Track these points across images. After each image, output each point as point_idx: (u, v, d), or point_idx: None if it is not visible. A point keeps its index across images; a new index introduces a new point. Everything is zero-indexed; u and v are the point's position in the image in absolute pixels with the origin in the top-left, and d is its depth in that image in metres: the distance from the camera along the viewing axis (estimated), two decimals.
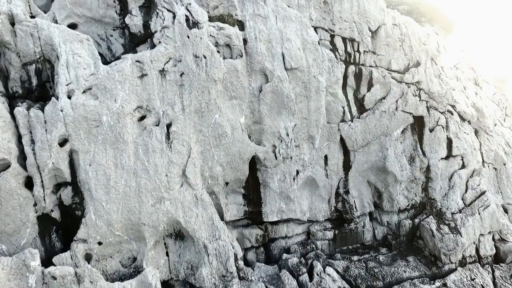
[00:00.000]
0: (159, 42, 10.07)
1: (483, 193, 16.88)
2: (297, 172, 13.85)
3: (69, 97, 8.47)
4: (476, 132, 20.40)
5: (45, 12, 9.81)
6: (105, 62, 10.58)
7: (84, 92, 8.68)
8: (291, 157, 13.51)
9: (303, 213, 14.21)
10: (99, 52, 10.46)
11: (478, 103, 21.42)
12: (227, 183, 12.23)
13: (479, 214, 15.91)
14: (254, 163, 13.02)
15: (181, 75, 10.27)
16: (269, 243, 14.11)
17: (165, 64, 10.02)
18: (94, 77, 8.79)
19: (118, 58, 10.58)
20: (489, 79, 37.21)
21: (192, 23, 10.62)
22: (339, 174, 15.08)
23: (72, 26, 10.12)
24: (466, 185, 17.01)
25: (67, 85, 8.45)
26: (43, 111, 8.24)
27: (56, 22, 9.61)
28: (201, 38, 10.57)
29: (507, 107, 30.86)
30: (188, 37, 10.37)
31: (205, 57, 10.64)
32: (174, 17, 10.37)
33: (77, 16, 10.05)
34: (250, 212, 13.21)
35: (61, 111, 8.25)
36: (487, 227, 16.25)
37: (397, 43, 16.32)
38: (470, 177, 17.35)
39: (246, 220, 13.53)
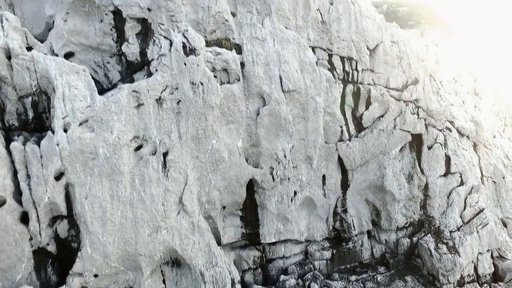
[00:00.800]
0: (156, 70, 10.07)
1: (481, 210, 16.86)
2: (295, 193, 13.83)
3: (65, 131, 8.47)
4: (475, 145, 20.37)
5: (42, 42, 9.82)
6: (102, 89, 10.61)
7: (80, 124, 8.68)
8: (288, 178, 13.50)
9: (301, 233, 14.19)
10: (96, 79, 10.46)
11: (477, 117, 21.41)
12: (224, 207, 12.22)
13: (477, 232, 15.89)
14: (251, 185, 13.00)
15: (177, 102, 10.27)
16: (267, 263, 14.10)
17: (161, 92, 10.03)
18: (90, 109, 8.80)
19: (115, 85, 10.60)
20: (489, 84, 37.20)
21: (189, 50, 10.62)
22: (337, 193, 15.07)
23: (69, 54, 10.14)
24: (465, 202, 16.98)
25: (63, 118, 8.46)
26: (39, 145, 8.25)
27: (53, 51, 9.63)
28: (198, 65, 10.58)
29: (507, 117, 30.85)
30: (185, 64, 10.38)
31: (202, 84, 10.64)
32: (171, 44, 10.37)
33: (74, 44, 10.05)
34: (247, 234, 13.20)
35: (57, 145, 8.25)
36: (486, 245, 16.23)
37: (395, 60, 16.31)
38: (469, 194, 17.32)
39: (243, 241, 13.52)
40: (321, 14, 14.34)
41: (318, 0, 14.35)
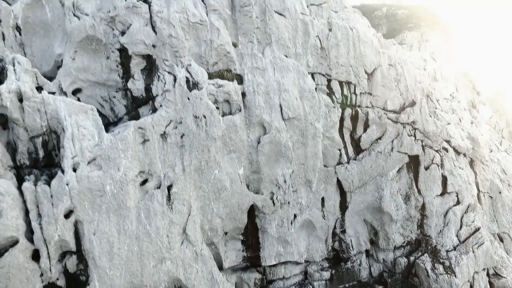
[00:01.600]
0: (161, 106, 10.44)
1: (477, 229, 17.22)
2: (295, 216, 14.19)
3: (75, 170, 8.83)
4: (471, 161, 20.75)
5: (51, 79, 10.19)
6: (108, 122, 10.99)
7: (88, 163, 9.04)
8: (288, 202, 13.85)
9: (301, 255, 14.53)
10: (102, 114, 10.84)
11: (473, 133, 21.78)
12: (226, 233, 12.58)
13: (473, 252, 16.26)
14: (252, 209, 13.36)
15: (181, 136, 10.64)
16: (267, 285, 14.43)
17: (166, 127, 10.39)
18: (98, 147, 9.16)
19: (121, 119, 10.98)
20: (487, 91, 37.57)
21: (192, 84, 11.00)
22: (336, 214, 15.43)
23: (77, 90, 10.51)
24: (461, 222, 17.36)
25: (72, 158, 8.82)
26: (49, 185, 8.60)
27: (62, 89, 10.00)
28: (201, 98, 10.95)
29: (504, 129, 31.22)
30: (189, 99, 10.75)
31: (204, 117, 11.01)
32: (175, 80, 10.74)
33: (81, 81, 10.42)
34: (248, 257, 13.55)
35: (67, 184, 8.61)
36: (481, 264, 16.60)
37: (393, 83, 16.70)
38: (465, 213, 17.69)
39: (245, 264, 13.87)
40: (320, 40, 14.73)
41: (317, 27, 14.75)
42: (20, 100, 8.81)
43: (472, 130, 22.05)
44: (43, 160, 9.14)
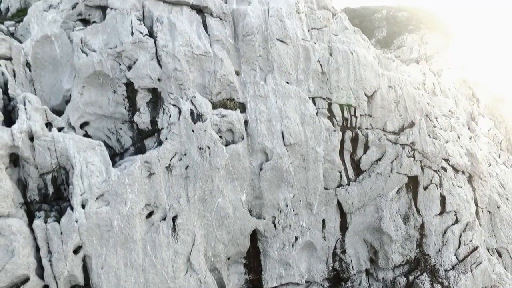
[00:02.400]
0: (166, 139, 10.73)
1: (475, 248, 17.50)
2: (296, 238, 14.47)
3: (83, 206, 9.12)
4: (470, 177, 21.04)
5: (59, 113, 10.48)
6: (115, 153, 11.28)
7: (96, 199, 9.33)
8: (290, 225, 14.13)
9: (302, 276, 14.80)
10: (109, 145, 11.13)
11: (472, 149, 22.06)
12: (229, 258, 12.85)
13: (471, 271, 16.54)
14: (254, 233, 13.64)
15: (186, 168, 10.93)
16: None
17: (171, 159, 10.68)
18: (106, 183, 9.45)
19: (127, 150, 11.26)
20: (486, 98, 37.79)
21: (196, 116, 11.28)
22: (336, 235, 15.70)
23: (85, 123, 10.80)
24: (459, 240, 17.62)
25: (81, 195, 9.11)
26: (59, 222, 8.89)
27: (70, 124, 10.28)
28: (205, 130, 11.24)
29: (502, 140, 31.46)
30: (193, 131, 11.04)
31: (208, 148, 11.30)
32: (179, 112, 11.03)
33: (89, 115, 10.71)
34: (251, 280, 13.82)
35: (76, 221, 8.90)
36: (480, 283, 16.86)
37: (392, 105, 16.99)
38: (463, 231, 17.96)
39: (247, 286, 14.14)
40: (321, 65, 15.03)
41: (318, 52, 15.05)
42: (31, 139, 9.10)
43: (470, 146, 22.33)
44: (52, 196, 9.43)
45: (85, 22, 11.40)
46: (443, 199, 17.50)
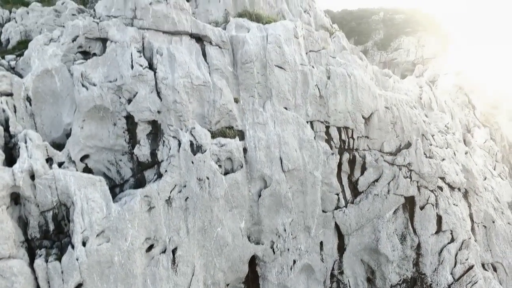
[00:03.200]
0: (166, 171, 10.82)
1: (471, 267, 17.70)
2: (294, 261, 14.59)
3: (84, 244, 9.18)
4: (466, 193, 21.27)
5: (59, 146, 10.55)
6: (115, 184, 11.37)
7: (97, 236, 9.39)
8: (288, 249, 14.26)
9: None
10: (109, 176, 11.21)
11: (468, 164, 22.31)
12: (227, 284, 12.96)
13: None
14: (253, 257, 13.76)
15: (185, 199, 11.03)
16: None
17: (170, 192, 10.78)
18: (106, 220, 9.52)
19: (127, 181, 11.35)
20: (482, 105, 38.07)
21: (196, 147, 11.39)
22: (334, 256, 15.85)
23: (85, 156, 10.87)
24: (455, 259, 17.83)
25: (82, 232, 9.17)
26: (59, 260, 8.95)
27: (70, 158, 10.35)
28: (204, 161, 11.34)
29: (497, 152, 31.74)
30: (193, 162, 11.14)
31: (208, 178, 11.41)
32: (179, 144, 11.13)
33: (89, 147, 10.78)
34: None
35: (77, 260, 8.96)
36: None
37: (389, 126, 17.17)
38: (459, 250, 18.16)
39: None
40: (319, 89, 15.18)
41: (316, 76, 15.20)
42: (32, 177, 9.15)
43: (466, 161, 22.58)
44: (53, 233, 9.49)
45: (85, 54, 11.48)
46: (439, 219, 17.69)
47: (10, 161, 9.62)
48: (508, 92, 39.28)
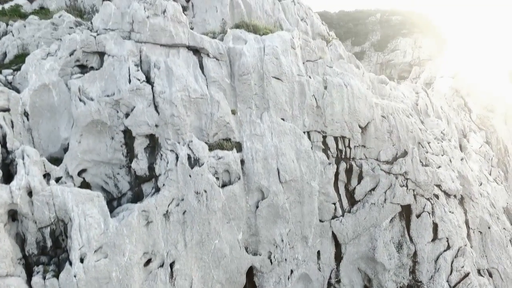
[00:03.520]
0: (163, 185, 10.85)
1: (466, 275, 17.83)
2: (291, 271, 14.65)
3: (82, 260, 9.19)
4: (462, 199, 21.44)
5: (57, 160, 10.55)
6: (112, 198, 11.38)
7: (95, 252, 9.41)
8: (285, 259, 14.31)
9: None
10: (106, 190, 11.23)
11: (463, 171, 22.49)
12: None
13: None
14: (251, 268, 13.80)
15: (183, 213, 11.07)
16: None
17: (168, 206, 10.81)
18: (104, 235, 9.54)
19: (125, 194, 11.37)
20: (478, 108, 38.29)
21: (193, 160, 11.42)
22: (331, 265, 15.93)
23: (82, 171, 10.87)
24: (451, 267, 17.96)
25: (79, 249, 9.18)
26: (57, 277, 8.96)
27: (68, 173, 10.35)
28: (202, 174, 11.38)
29: (493, 157, 31.94)
30: (190, 176, 11.17)
31: (205, 192, 11.45)
32: (177, 158, 11.16)
33: (86, 162, 10.79)
34: None
35: (75, 276, 8.97)
36: None
37: (386, 135, 17.28)
38: (455, 257, 18.30)
39: None
40: (316, 99, 15.26)
41: (313, 87, 15.28)
42: (30, 193, 9.16)
43: (462, 168, 22.75)
44: (50, 249, 9.50)
45: (83, 67, 11.49)
46: (435, 226, 17.82)
47: (8, 176, 9.63)
48: (503, 95, 39.50)
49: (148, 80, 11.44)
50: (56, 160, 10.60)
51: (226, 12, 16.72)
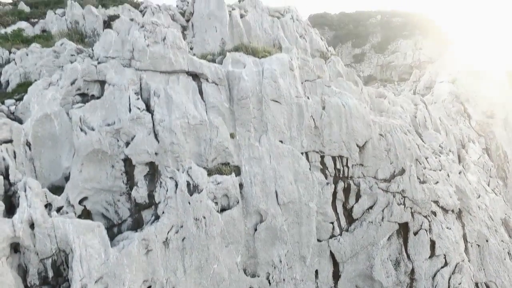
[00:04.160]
0: (163, 213, 11.02)
1: None
2: None
3: None
4: (459, 213, 21.58)
5: (58, 189, 10.74)
6: (113, 224, 11.56)
7: (96, 282, 9.58)
8: (284, 279, 14.49)
9: None
10: (107, 217, 11.41)
11: (461, 185, 22.61)
12: None
13: None
14: None
15: (182, 240, 11.24)
16: None
17: (168, 233, 10.98)
18: (104, 266, 9.71)
19: (125, 221, 11.55)
20: (478, 114, 38.42)
21: (192, 187, 11.60)
22: (329, 284, 16.09)
23: (83, 199, 11.06)
24: (449, 283, 18.11)
25: (80, 280, 9.36)
26: None
27: (69, 202, 10.54)
28: (201, 201, 11.56)
29: (491, 168, 32.05)
30: (189, 203, 11.35)
31: (204, 218, 11.62)
32: (176, 185, 11.34)
33: (87, 190, 10.97)
34: None
35: None
36: None
37: (383, 153, 17.44)
38: (452, 273, 18.46)
39: None
40: (314, 120, 15.43)
41: (311, 107, 15.45)
42: (31, 225, 9.34)
43: (460, 181, 22.88)
44: (52, 279, 9.67)
45: (84, 95, 11.68)
46: (432, 244, 17.97)
47: (10, 207, 9.82)
48: (503, 100, 39.53)
49: (148, 108, 11.63)
50: (57, 189, 10.80)
51: (225, 32, 16.91)
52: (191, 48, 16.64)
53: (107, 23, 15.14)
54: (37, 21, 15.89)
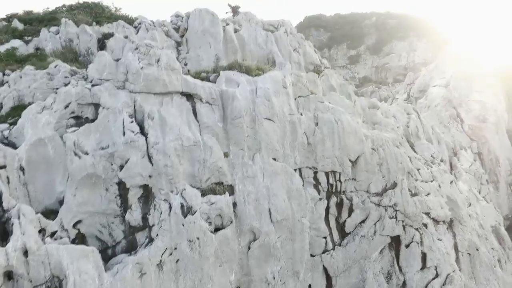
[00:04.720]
0: (157, 235, 11.12)
1: None
2: None
3: None
4: (451, 222, 21.90)
5: (52, 212, 10.79)
6: (107, 246, 11.63)
7: None
8: None
9: None
10: (101, 239, 11.47)
11: (452, 195, 22.93)
12: None
13: None
14: None
15: (176, 261, 11.34)
16: None
17: (162, 255, 11.08)
18: None
19: (119, 243, 11.62)
20: (470, 119, 38.82)
21: (186, 209, 11.71)
22: None
23: (77, 222, 11.11)
24: None
25: None
26: None
27: (63, 227, 10.59)
28: (194, 222, 11.66)
29: (482, 175, 32.46)
30: (183, 225, 11.45)
31: (198, 239, 11.73)
32: (170, 208, 11.43)
33: (81, 213, 11.02)
34: None
35: None
36: None
37: (376, 167, 17.67)
38: (443, 285, 18.77)
39: None
40: (307, 136, 15.61)
41: (304, 124, 15.63)
42: (25, 253, 9.38)
43: (451, 191, 23.21)
44: None
45: (78, 118, 11.72)
46: (424, 256, 18.25)
47: (3, 233, 9.86)
48: (495, 105, 39.92)
49: (142, 130, 11.70)
50: (51, 213, 10.84)
51: (219, 48, 17.01)
52: (186, 64, 16.72)
53: (102, 41, 15.15)
54: (31, 38, 15.86)
